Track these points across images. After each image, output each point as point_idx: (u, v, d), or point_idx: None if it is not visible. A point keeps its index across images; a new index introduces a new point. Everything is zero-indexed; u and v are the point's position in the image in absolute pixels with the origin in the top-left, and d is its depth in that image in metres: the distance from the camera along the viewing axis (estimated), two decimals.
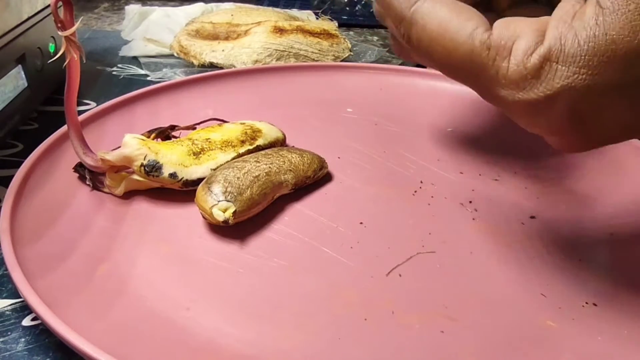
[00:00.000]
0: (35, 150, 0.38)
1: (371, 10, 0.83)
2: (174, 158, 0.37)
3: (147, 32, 0.69)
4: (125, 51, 0.66)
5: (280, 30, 0.64)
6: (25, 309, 0.32)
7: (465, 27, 0.25)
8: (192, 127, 0.44)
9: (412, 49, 0.27)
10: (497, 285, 0.33)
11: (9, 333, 0.30)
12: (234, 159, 0.39)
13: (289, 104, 0.51)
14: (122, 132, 0.38)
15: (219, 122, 0.44)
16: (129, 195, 0.38)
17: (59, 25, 0.33)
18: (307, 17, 0.76)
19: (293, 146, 0.44)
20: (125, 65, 0.63)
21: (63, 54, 0.34)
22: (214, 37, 0.66)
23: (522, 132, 0.46)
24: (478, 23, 0.25)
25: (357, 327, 0.30)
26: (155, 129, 0.42)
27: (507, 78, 0.24)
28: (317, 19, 0.76)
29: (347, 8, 0.84)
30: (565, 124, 0.24)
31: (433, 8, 0.26)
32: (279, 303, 0.31)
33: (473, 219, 0.38)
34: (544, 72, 0.23)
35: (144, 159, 0.36)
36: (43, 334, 0.30)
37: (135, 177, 0.37)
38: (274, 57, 0.62)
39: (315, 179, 0.40)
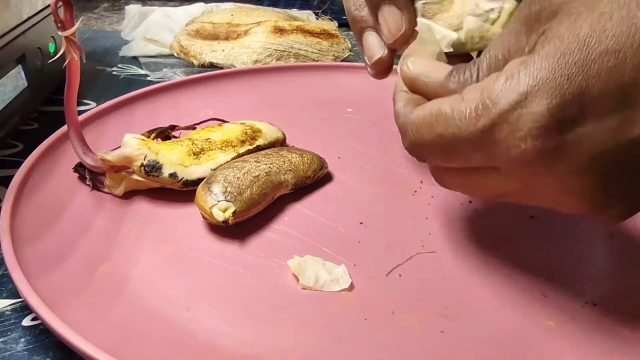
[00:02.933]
0: (35, 150, 0.38)
1: None
2: (174, 158, 0.37)
3: (147, 32, 0.69)
4: (125, 51, 0.66)
5: (280, 30, 0.64)
6: (25, 309, 0.32)
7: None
8: (192, 127, 0.44)
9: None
10: (497, 285, 0.32)
11: (9, 333, 0.30)
12: (234, 159, 0.39)
13: (289, 104, 0.51)
14: (122, 132, 0.38)
15: (219, 122, 0.44)
16: (129, 195, 0.38)
17: (59, 25, 0.33)
18: (307, 17, 0.76)
19: (293, 146, 0.44)
20: (125, 65, 0.63)
21: (63, 54, 0.34)
22: (214, 37, 0.66)
23: None
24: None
25: (357, 327, 0.30)
26: (155, 129, 0.42)
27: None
28: (317, 19, 0.76)
29: None
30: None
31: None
32: (278, 303, 0.31)
33: (473, 219, 0.38)
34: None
35: (144, 159, 0.36)
36: (43, 334, 0.30)
37: (135, 177, 0.37)
38: (274, 57, 0.62)
39: (315, 179, 0.40)
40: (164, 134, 0.42)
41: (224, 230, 0.35)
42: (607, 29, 0.23)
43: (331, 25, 0.69)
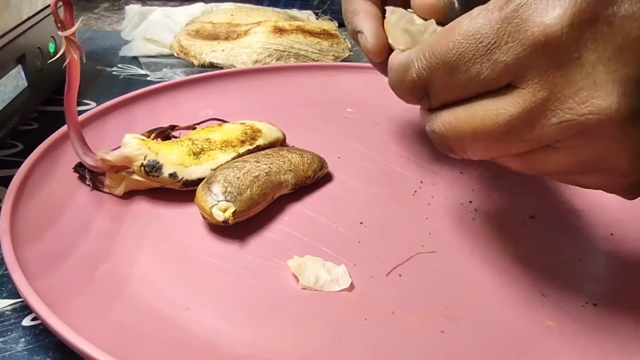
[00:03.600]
0: (35, 150, 0.38)
1: None
2: (174, 158, 0.37)
3: (147, 32, 0.69)
4: (125, 51, 0.66)
5: (280, 30, 0.64)
6: (25, 309, 0.32)
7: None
8: (192, 127, 0.44)
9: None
10: (498, 285, 0.33)
11: (9, 333, 0.30)
12: (234, 159, 0.39)
13: (289, 104, 0.51)
14: (122, 132, 0.38)
15: (219, 122, 0.44)
16: (129, 195, 0.38)
17: (59, 25, 0.33)
18: (307, 17, 0.76)
19: (293, 146, 0.44)
20: (125, 65, 0.63)
21: (63, 54, 0.34)
22: (214, 37, 0.66)
23: None
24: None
25: (357, 327, 0.30)
26: (155, 129, 0.42)
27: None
28: (317, 19, 0.76)
29: None
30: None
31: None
32: (278, 303, 0.31)
33: (473, 219, 0.38)
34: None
35: (144, 159, 0.36)
36: (43, 334, 0.30)
37: (135, 177, 0.37)
38: (274, 57, 0.62)
39: (315, 179, 0.40)
40: (164, 134, 0.42)
41: (224, 230, 0.35)
42: None
43: (331, 25, 0.69)
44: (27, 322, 0.31)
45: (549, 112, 0.24)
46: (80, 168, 0.38)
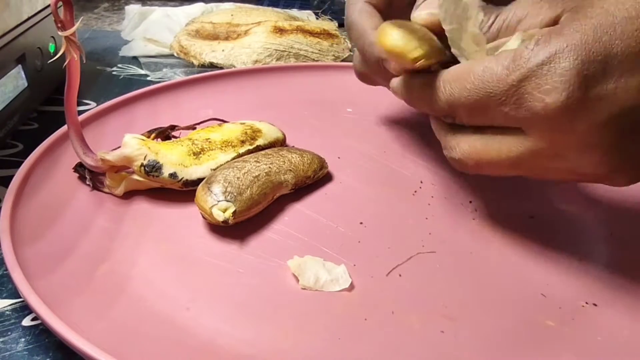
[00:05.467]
0: (35, 150, 0.38)
1: None
2: (174, 158, 0.37)
3: (147, 32, 0.69)
4: (125, 51, 0.66)
5: (280, 30, 0.64)
6: (25, 309, 0.32)
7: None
8: (192, 127, 0.44)
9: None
10: (497, 285, 0.33)
11: (9, 333, 0.30)
12: (234, 159, 0.39)
13: (289, 104, 0.51)
14: (122, 132, 0.38)
15: (219, 122, 0.44)
16: (129, 195, 0.38)
17: (59, 25, 0.33)
18: (307, 17, 0.76)
19: (293, 146, 0.44)
20: (125, 65, 0.63)
21: (63, 54, 0.34)
22: (214, 37, 0.66)
23: None
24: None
25: (357, 327, 0.30)
26: (155, 129, 0.42)
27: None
28: (317, 19, 0.76)
29: None
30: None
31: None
32: (279, 303, 0.31)
33: (473, 219, 0.38)
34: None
35: (144, 159, 0.36)
36: (43, 334, 0.30)
37: (135, 177, 0.37)
38: (274, 57, 0.62)
39: (315, 179, 0.40)
40: (164, 134, 0.42)
41: (224, 230, 0.35)
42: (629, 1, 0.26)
43: (331, 25, 0.69)
44: (27, 322, 0.31)
45: (550, 160, 0.29)
46: (80, 168, 0.38)
